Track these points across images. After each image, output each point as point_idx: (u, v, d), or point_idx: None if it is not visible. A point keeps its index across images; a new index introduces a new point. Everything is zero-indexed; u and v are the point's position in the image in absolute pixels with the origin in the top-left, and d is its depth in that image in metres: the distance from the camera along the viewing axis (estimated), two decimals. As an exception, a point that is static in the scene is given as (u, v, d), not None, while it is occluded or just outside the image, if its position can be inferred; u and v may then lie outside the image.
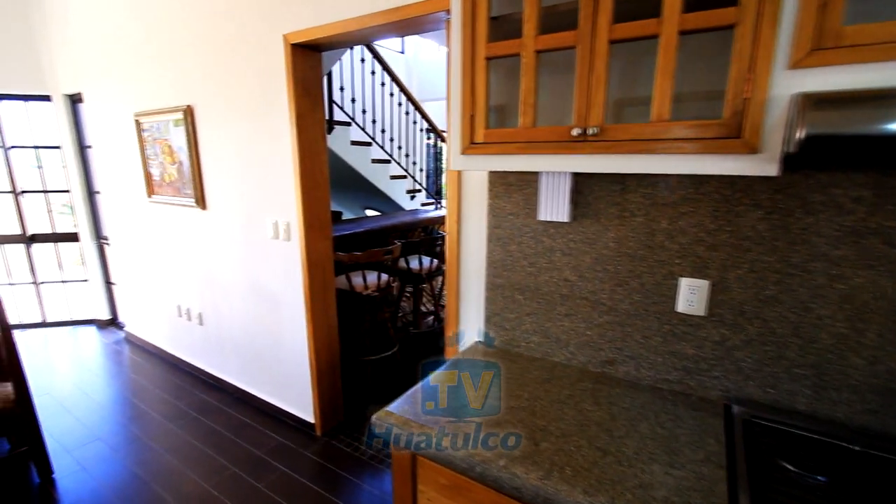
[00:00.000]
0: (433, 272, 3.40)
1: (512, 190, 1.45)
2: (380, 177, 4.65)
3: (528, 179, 1.41)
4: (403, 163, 4.95)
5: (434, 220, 4.26)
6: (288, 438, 2.45)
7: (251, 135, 2.33)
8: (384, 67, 4.32)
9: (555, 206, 1.35)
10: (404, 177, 4.96)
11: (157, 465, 2.24)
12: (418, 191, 5.24)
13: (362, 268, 3.06)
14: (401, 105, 4.77)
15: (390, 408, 1.16)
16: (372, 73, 4.36)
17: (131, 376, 3.21)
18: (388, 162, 4.70)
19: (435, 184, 5.84)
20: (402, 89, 4.63)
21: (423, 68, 6.77)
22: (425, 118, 5.05)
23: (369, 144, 4.46)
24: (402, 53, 6.59)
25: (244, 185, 2.46)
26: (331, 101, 3.92)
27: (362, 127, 4.36)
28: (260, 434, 2.49)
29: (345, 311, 2.74)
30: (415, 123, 5.05)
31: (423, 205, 5.33)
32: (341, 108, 4.11)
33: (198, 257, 2.91)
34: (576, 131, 1.00)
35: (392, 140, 4.78)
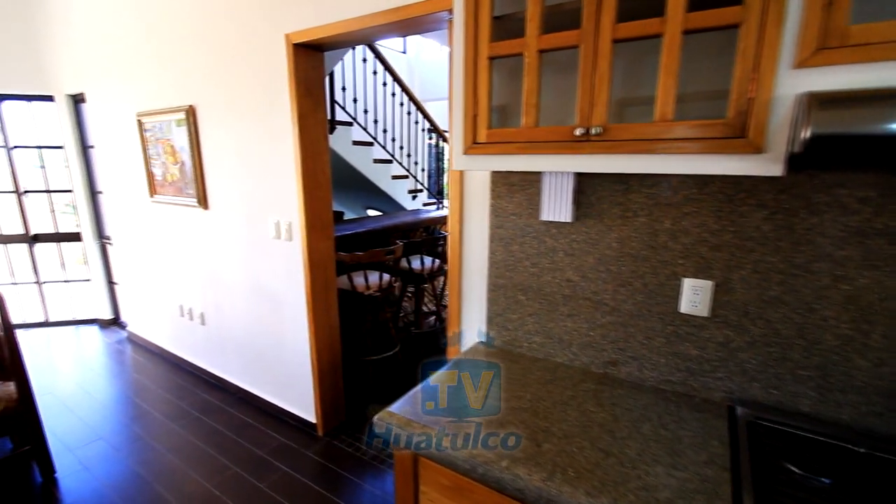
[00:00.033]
0: (435, 272, 3.40)
1: (514, 190, 1.45)
2: (381, 177, 4.65)
3: (531, 179, 1.41)
4: (405, 163, 4.95)
5: (436, 220, 4.26)
6: (289, 438, 2.45)
7: (253, 135, 2.33)
8: (386, 67, 4.32)
9: (557, 206, 1.35)
10: (406, 177, 4.96)
11: (159, 465, 2.25)
12: (420, 191, 5.24)
13: (364, 268, 3.06)
14: (402, 105, 4.77)
15: (392, 408, 1.16)
16: (374, 72, 4.36)
17: (133, 376, 3.22)
18: (389, 162, 4.70)
19: (437, 184, 5.84)
20: (404, 89, 4.63)
21: (425, 68, 6.77)
22: (427, 118, 5.05)
23: (371, 144, 4.46)
24: (404, 53, 6.59)
25: (246, 185, 2.46)
26: (332, 101, 3.92)
27: (364, 127, 4.36)
28: (262, 434, 2.49)
29: (346, 312, 2.74)
30: (416, 123, 5.05)
31: (425, 205, 5.33)
32: (343, 108, 4.11)
33: (200, 257, 2.92)
34: (579, 131, 1.00)
35: (394, 140, 4.78)
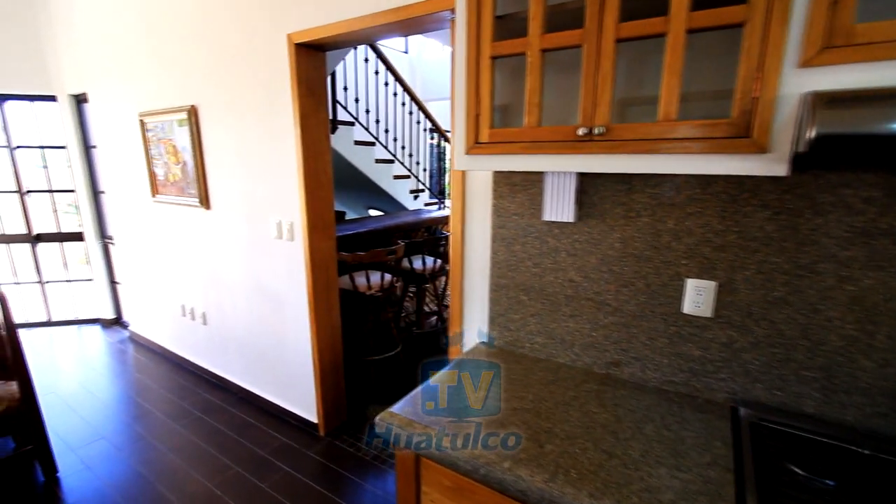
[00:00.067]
0: (436, 272, 3.39)
1: (516, 190, 1.44)
2: (383, 177, 4.65)
3: (533, 179, 1.40)
4: (407, 163, 4.95)
5: (437, 220, 4.26)
6: (291, 438, 2.45)
7: (255, 135, 2.33)
8: (388, 67, 4.32)
9: (560, 206, 1.34)
10: (408, 177, 4.96)
11: (161, 465, 2.25)
12: (422, 191, 5.24)
13: (366, 268, 3.05)
14: (404, 105, 4.77)
15: (393, 408, 1.16)
16: (375, 72, 4.36)
17: (135, 375, 3.23)
18: (391, 162, 4.70)
19: (438, 184, 5.84)
20: (406, 89, 4.63)
21: (427, 68, 6.77)
22: (429, 118, 5.04)
23: (373, 144, 4.46)
24: (406, 53, 6.59)
25: (248, 184, 2.46)
26: (334, 101, 3.92)
27: (366, 127, 4.36)
28: (263, 434, 2.49)
29: (348, 312, 2.74)
30: (418, 123, 5.05)
31: (427, 205, 5.33)
32: (345, 108, 4.11)
33: (202, 257, 2.92)
34: (581, 131, 1.00)
35: (395, 140, 4.78)
